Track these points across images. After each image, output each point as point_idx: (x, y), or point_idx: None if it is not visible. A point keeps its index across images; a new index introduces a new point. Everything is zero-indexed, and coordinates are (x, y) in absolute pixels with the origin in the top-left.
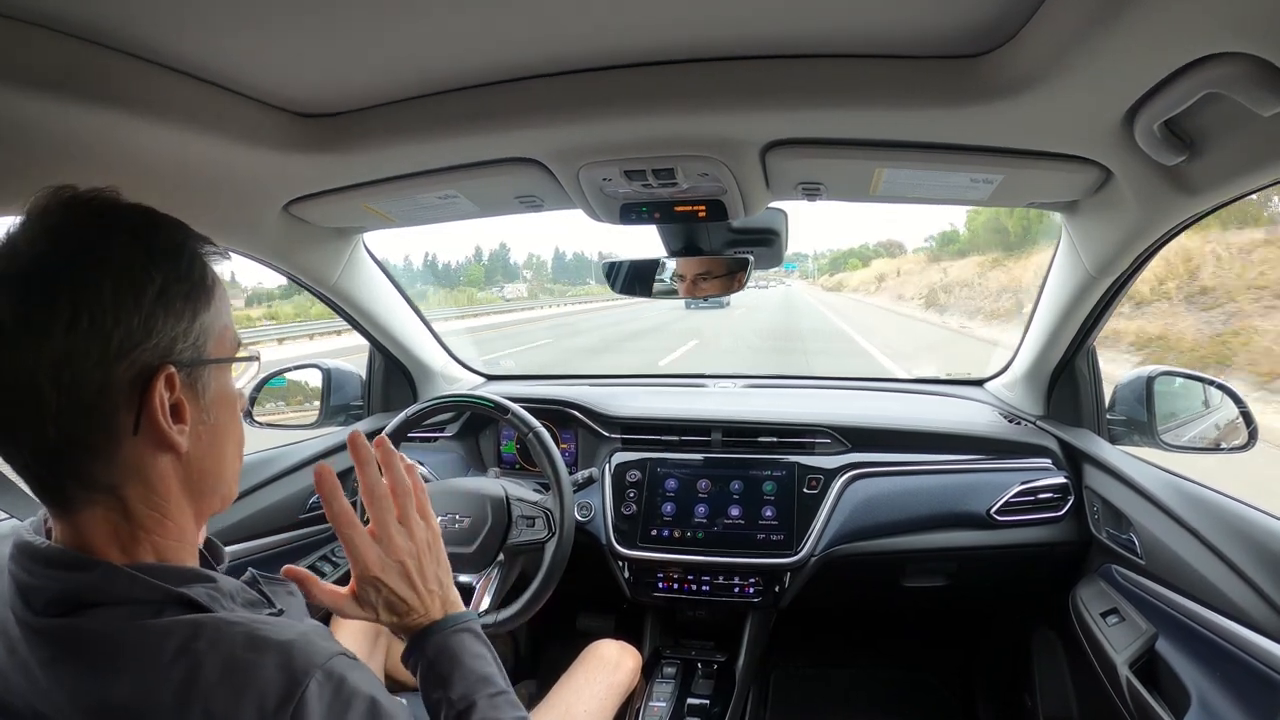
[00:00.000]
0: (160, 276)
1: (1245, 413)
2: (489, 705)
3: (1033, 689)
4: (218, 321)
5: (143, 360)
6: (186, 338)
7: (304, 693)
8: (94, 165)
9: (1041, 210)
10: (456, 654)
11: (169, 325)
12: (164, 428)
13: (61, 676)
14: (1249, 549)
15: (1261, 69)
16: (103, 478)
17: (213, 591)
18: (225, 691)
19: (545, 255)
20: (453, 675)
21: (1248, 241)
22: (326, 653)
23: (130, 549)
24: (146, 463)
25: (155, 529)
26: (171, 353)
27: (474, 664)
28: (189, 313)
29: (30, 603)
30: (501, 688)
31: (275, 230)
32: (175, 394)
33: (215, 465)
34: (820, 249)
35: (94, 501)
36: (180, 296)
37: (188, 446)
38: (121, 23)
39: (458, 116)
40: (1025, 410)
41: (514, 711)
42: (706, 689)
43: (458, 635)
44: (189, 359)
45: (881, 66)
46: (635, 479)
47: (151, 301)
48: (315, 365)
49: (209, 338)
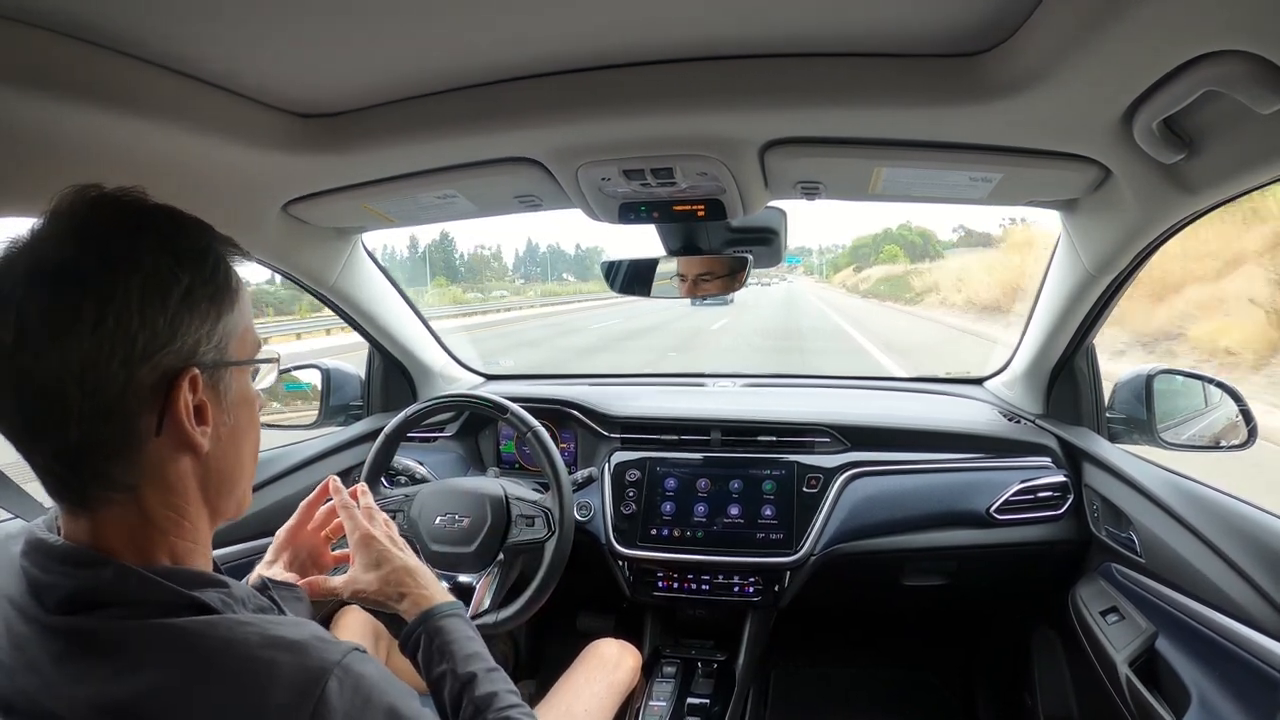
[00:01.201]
0: (186, 278)
1: (1245, 411)
2: (487, 679)
3: (1033, 688)
4: (240, 323)
5: (167, 362)
6: (210, 339)
7: (324, 690)
8: (94, 165)
9: (1042, 209)
10: (454, 633)
11: (193, 327)
12: (188, 429)
13: (72, 673)
14: (1249, 547)
15: (1260, 67)
16: (123, 478)
17: (225, 597)
18: (243, 691)
19: (508, 247)
20: (453, 651)
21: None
22: (342, 649)
23: (146, 550)
24: (167, 464)
25: (171, 530)
26: (195, 355)
27: (469, 644)
28: (213, 314)
29: (43, 600)
30: (495, 665)
31: (275, 230)
32: (199, 395)
33: (233, 466)
34: (826, 243)
35: (112, 501)
36: (205, 299)
37: (209, 448)
38: (122, 23)
39: (457, 116)
40: (1025, 409)
41: (506, 685)
42: (706, 688)
43: (453, 619)
44: (212, 361)
45: (880, 65)
46: (635, 478)
47: (177, 304)
48: (315, 365)
49: (231, 339)
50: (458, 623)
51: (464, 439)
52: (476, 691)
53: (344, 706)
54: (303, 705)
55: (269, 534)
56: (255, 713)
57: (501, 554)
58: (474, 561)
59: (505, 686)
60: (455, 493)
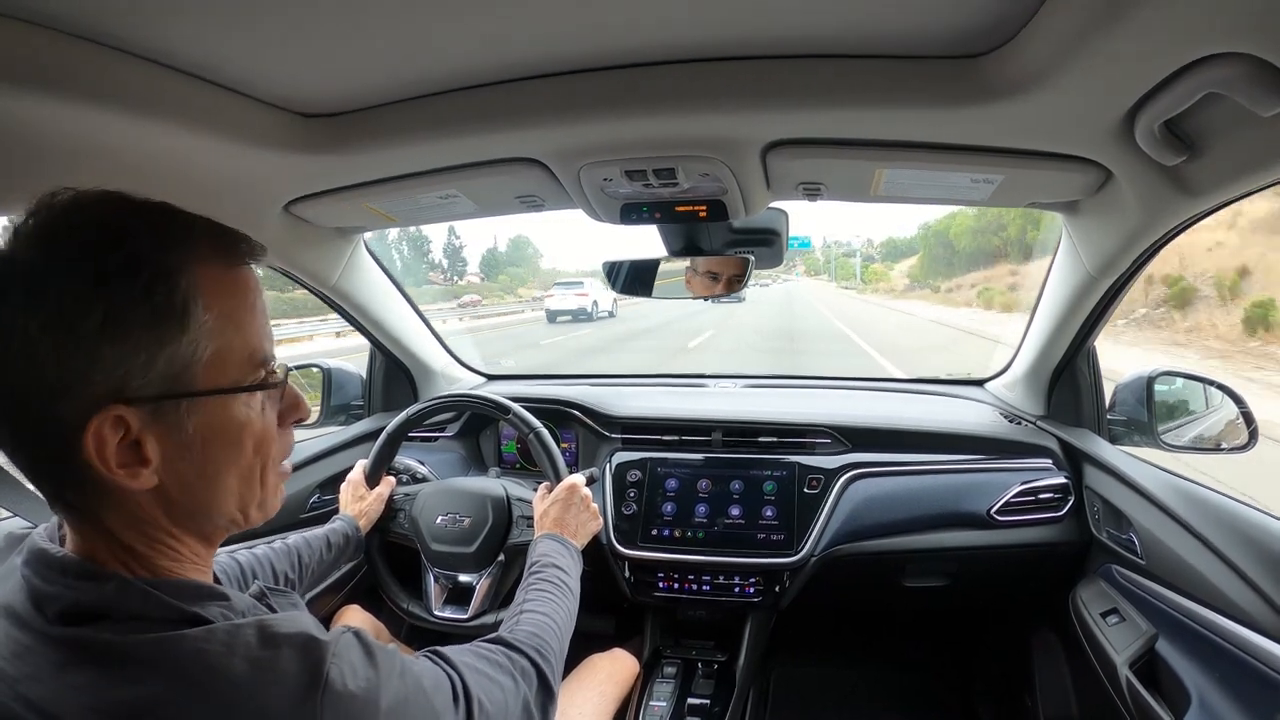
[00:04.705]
0: (103, 305)
1: (1246, 413)
2: (530, 610)
3: (1033, 689)
4: (209, 346)
5: (91, 394)
6: (148, 370)
7: (327, 678)
8: (94, 165)
9: (1044, 210)
10: (552, 560)
11: (119, 358)
12: (105, 473)
13: (74, 682)
14: (1249, 549)
15: (1261, 69)
16: (76, 502)
17: (226, 610)
18: (249, 690)
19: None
20: (544, 578)
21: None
22: (336, 634)
23: (132, 567)
24: (118, 495)
25: (149, 551)
26: (125, 389)
27: (554, 580)
28: (151, 341)
29: (44, 610)
30: (547, 611)
31: (276, 230)
32: (132, 433)
33: (204, 498)
34: (832, 237)
35: (88, 521)
36: (138, 324)
37: (160, 481)
38: (122, 23)
39: (459, 116)
40: (1025, 410)
41: (533, 625)
42: (707, 689)
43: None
44: (153, 393)
45: (882, 67)
46: (636, 479)
47: (94, 334)
48: (315, 365)
49: (191, 365)
50: (566, 561)
51: (465, 439)
52: (524, 609)
53: (351, 688)
54: (310, 696)
55: (271, 533)
56: (259, 712)
57: (502, 554)
58: (475, 561)
59: (529, 628)
60: (457, 493)
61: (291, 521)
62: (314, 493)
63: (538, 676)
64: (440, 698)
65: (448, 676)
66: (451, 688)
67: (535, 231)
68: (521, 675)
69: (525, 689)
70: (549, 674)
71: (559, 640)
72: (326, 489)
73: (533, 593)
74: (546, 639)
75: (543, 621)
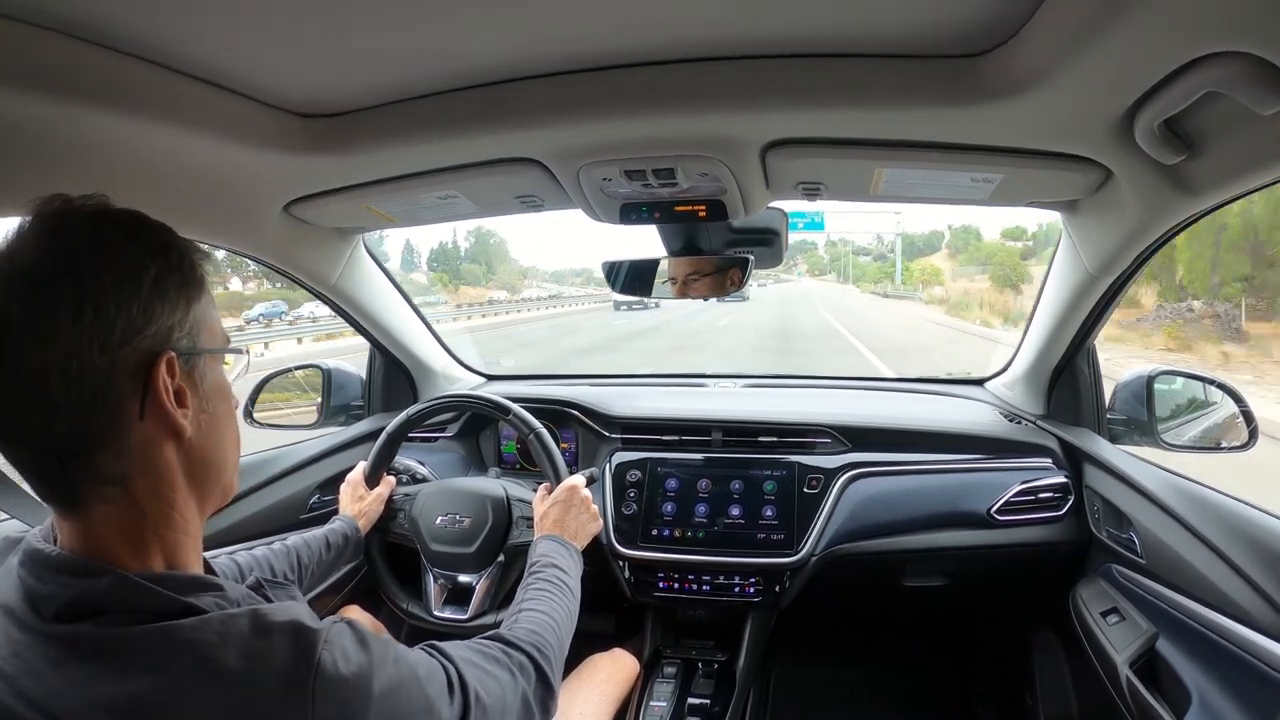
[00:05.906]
0: (154, 268)
1: (1245, 411)
2: (529, 608)
3: (1033, 689)
4: (210, 314)
5: (145, 346)
6: (182, 327)
7: (319, 662)
8: (94, 165)
9: (1044, 209)
10: (551, 560)
11: (165, 314)
12: (169, 409)
13: (72, 677)
14: (1249, 548)
15: (1261, 68)
16: (111, 468)
17: (220, 600)
18: (244, 678)
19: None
20: (544, 576)
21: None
22: (329, 623)
23: (140, 549)
24: (153, 452)
25: (162, 522)
26: (170, 340)
27: (554, 580)
28: (183, 303)
29: (40, 610)
30: (546, 609)
31: (275, 230)
32: (176, 380)
33: (216, 453)
34: (836, 233)
35: (104, 498)
36: (174, 287)
37: (191, 432)
38: (122, 23)
39: (458, 117)
40: (1025, 409)
41: (533, 623)
42: (707, 689)
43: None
44: (186, 347)
45: (881, 66)
46: (636, 479)
47: (149, 290)
48: (316, 365)
49: (202, 329)
50: (566, 562)
51: (465, 439)
52: (523, 608)
53: (343, 673)
54: (302, 682)
55: (270, 533)
56: (254, 698)
57: (502, 555)
58: (475, 562)
59: (528, 626)
60: (456, 493)
61: (291, 522)
62: (314, 493)
63: (536, 672)
64: (434, 687)
65: (442, 667)
66: (446, 678)
67: (508, 227)
68: (519, 670)
69: (524, 684)
70: (548, 670)
71: (558, 638)
72: (326, 489)
73: (532, 592)
74: (545, 636)
75: (541, 619)
